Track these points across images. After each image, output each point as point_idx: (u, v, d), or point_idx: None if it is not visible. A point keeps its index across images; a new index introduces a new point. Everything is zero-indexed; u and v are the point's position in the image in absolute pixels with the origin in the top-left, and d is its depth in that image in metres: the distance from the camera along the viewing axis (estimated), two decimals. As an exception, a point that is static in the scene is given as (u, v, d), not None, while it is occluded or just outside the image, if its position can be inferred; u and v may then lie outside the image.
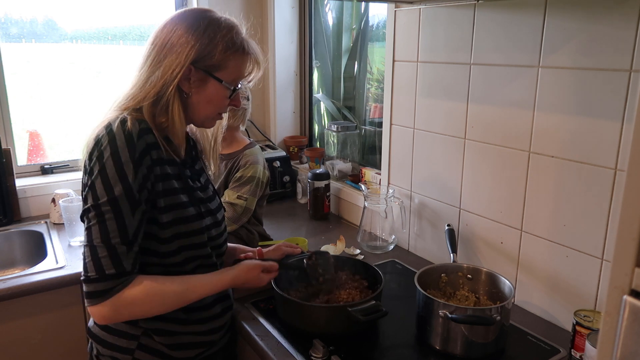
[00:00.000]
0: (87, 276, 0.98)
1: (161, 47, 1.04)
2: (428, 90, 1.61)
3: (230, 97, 1.12)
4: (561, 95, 1.23)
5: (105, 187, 0.98)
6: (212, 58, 1.05)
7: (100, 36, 2.42)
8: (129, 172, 0.98)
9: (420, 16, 1.59)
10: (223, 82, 1.08)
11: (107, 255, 0.97)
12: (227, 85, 1.09)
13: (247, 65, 1.12)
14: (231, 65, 1.08)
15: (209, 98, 1.09)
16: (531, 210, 1.34)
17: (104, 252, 0.97)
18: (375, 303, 1.20)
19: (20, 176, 2.11)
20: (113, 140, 0.99)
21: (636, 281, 0.44)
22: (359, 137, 2.28)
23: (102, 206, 0.98)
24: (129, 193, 0.98)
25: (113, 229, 0.98)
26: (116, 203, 0.98)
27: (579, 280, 1.25)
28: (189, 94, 1.08)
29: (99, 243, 0.97)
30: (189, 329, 1.15)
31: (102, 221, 0.98)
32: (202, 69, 1.06)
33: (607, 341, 0.47)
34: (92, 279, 0.97)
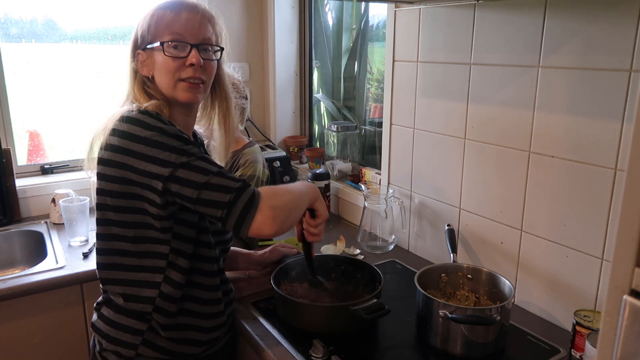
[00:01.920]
0: (228, 203, 0.98)
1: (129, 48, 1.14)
2: (428, 90, 1.61)
3: (166, 52, 1.07)
4: (561, 95, 1.23)
5: (166, 149, 0.98)
6: (149, 34, 1.09)
7: (100, 36, 2.42)
8: (174, 130, 1.01)
9: (420, 16, 1.59)
10: (158, 43, 1.07)
11: (223, 178, 0.99)
12: (155, 46, 1.08)
13: (168, 17, 1.08)
14: (158, 28, 1.08)
15: (159, 67, 1.09)
16: (531, 210, 1.34)
17: (217, 179, 0.99)
18: (378, 301, 1.20)
19: (20, 176, 2.11)
20: (139, 121, 1.01)
21: (636, 281, 0.44)
22: (359, 137, 2.28)
23: (178, 161, 0.98)
24: (187, 140, 1.01)
25: (204, 164, 0.99)
26: (186, 151, 0.99)
27: (579, 280, 1.25)
28: (152, 78, 1.11)
29: (205, 179, 0.98)
30: (196, 323, 1.15)
31: (190, 167, 0.98)
32: (144, 48, 1.10)
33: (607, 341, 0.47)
34: (232, 201, 0.98)
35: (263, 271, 1.50)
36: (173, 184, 0.99)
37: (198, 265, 1.13)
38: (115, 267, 1.11)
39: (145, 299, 1.09)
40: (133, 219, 1.06)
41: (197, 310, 1.15)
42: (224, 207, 0.98)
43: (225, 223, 1.00)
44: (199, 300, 1.15)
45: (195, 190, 0.98)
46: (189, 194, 0.98)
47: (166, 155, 0.98)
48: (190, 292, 1.13)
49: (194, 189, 0.98)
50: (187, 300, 1.13)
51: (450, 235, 1.47)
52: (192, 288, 1.14)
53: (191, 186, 0.98)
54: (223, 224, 1.00)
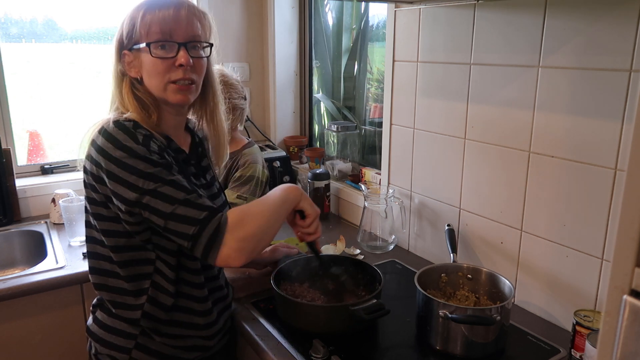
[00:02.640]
0: (192, 235, 0.96)
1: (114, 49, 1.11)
2: (428, 90, 1.61)
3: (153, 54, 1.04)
4: (561, 95, 1.23)
5: (133, 173, 0.97)
6: (135, 34, 1.05)
7: (100, 36, 2.42)
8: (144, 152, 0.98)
9: (420, 16, 1.59)
10: (145, 44, 1.03)
11: (188, 208, 0.97)
12: (149, 46, 1.03)
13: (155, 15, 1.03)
14: (143, 27, 1.04)
15: (147, 68, 1.05)
16: (531, 210, 1.34)
17: (182, 209, 0.97)
18: (378, 302, 1.20)
19: (20, 176, 2.11)
20: (112, 138, 0.99)
21: (636, 281, 0.44)
22: (359, 137, 2.28)
23: (145, 187, 0.97)
24: (156, 163, 0.98)
25: (170, 191, 0.97)
26: (153, 176, 0.97)
27: (579, 280, 1.25)
28: (140, 78, 1.08)
29: (171, 208, 0.96)
30: (188, 333, 1.15)
31: (156, 195, 0.97)
32: (130, 49, 1.06)
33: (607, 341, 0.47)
34: (196, 234, 0.96)
35: (263, 271, 1.50)
36: (143, 210, 0.99)
37: (183, 277, 1.12)
38: (102, 272, 1.11)
39: (132, 306, 1.09)
40: (113, 228, 1.06)
41: (188, 321, 1.14)
42: (189, 239, 0.97)
43: (193, 253, 0.99)
44: (190, 311, 1.14)
45: (162, 220, 0.98)
46: (157, 222, 0.98)
47: (134, 179, 0.97)
48: (179, 302, 1.12)
49: (161, 218, 0.98)
50: (177, 311, 1.13)
51: (450, 235, 1.47)
52: (181, 298, 1.13)
53: (158, 215, 0.98)
54: (191, 253, 1.00)
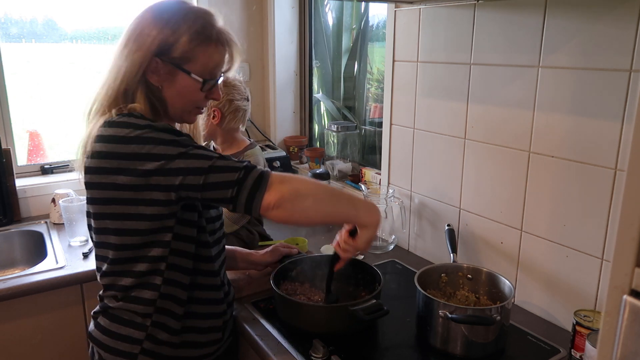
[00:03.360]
0: (236, 181, 0.96)
1: (128, 40, 1.03)
2: (428, 90, 1.61)
3: (203, 89, 1.07)
4: (561, 95, 1.23)
5: (159, 143, 0.97)
6: (178, 50, 1.02)
7: (100, 36, 2.42)
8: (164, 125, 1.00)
9: (420, 16, 1.59)
10: (192, 75, 1.04)
11: (227, 160, 0.98)
12: (196, 78, 1.05)
13: (218, 56, 1.07)
14: (200, 56, 1.04)
15: (179, 91, 1.06)
16: (531, 210, 1.34)
17: (222, 162, 0.98)
18: (377, 302, 1.20)
19: (20, 176, 2.11)
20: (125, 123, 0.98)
21: (636, 281, 0.44)
22: (359, 137, 2.28)
23: (173, 152, 0.96)
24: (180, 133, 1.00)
25: (202, 152, 0.98)
26: (181, 143, 0.98)
27: (579, 280, 1.25)
28: (160, 88, 1.05)
29: (209, 163, 0.96)
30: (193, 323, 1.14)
31: (189, 156, 0.97)
32: (169, 62, 1.02)
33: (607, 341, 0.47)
34: (241, 178, 0.96)
35: (263, 271, 1.50)
36: (175, 177, 0.96)
37: (199, 266, 1.13)
38: (117, 273, 1.09)
39: (145, 300, 1.08)
40: (130, 226, 1.03)
41: (200, 311, 1.14)
42: (234, 185, 0.96)
43: (236, 202, 0.98)
44: (202, 301, 1.14)
45: (201, 176, 0.96)
46: (195, 181, 0.96)
47: (161, 149, 0.96)
48: (193, 293, 1.12)
49: (199, 175, 0.96)
50: (191, 303, 1.12)
51: (450, 235, 1.47)
52: (195, 290, 1.13)
53: (195, 173, 0.96)
54: (234, 204, 0.98)
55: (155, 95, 1.06)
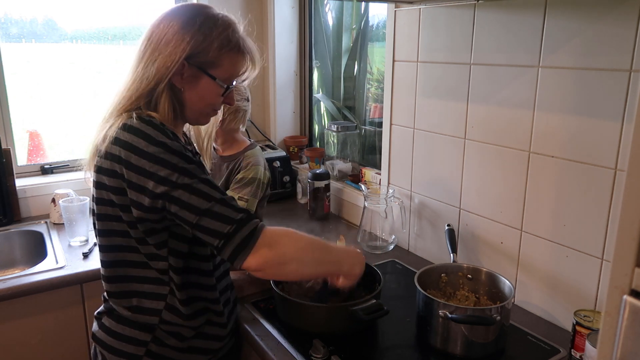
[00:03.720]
0: (226, 234, 0.95)
1: (157, 44, 1.02)
2: (428, 90, 1.61)
3: (224, 95, 1.11)
4: (561, 95, 1.23)
5: (167, 167, 0.96)
6: (206, 55, 1.03)
7: (100, 36, 2.42)
8: (179, 147, 0.98)
9: (420, 16, 1.59)
10: (216, 80, 1.07)
11: (225, 207, 0.97)
12: (220, 84, 1.08)
13: (242, 64, 1.10)
14: (226, 63, 1.06)
15: (201, 94, 1.08)
16: (531, 210, 1.34)
17: (220, 207, 0.96)
18: (377, 302, 1.20)
19: (20, 176, 2.11)
20: (142, 133, 0.97)
21: (636, 281, 0.44)
22: (359, 137, 2.28)
23: (178, 181, 0.95)
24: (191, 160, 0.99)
25: (206, 188, 0.97)
26: (189, 171, 0.97)
27: (579, 280, 1.25)
28: (181, 90, 1.06)
29: (208, 205, 0.95)
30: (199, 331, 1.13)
31: (192, 190, 0.96)
32: (195, 65, 1.04)
33: (607, 341, 0.47)
34: (230, 233, 0.96)
35: None
36: (172, 205, 0.96)
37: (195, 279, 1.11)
38: (121, 279, 1.08)
39: (151, 310, 1.08)
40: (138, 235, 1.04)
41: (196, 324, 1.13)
42: (222, 237, 0.96)
43: (220, 252, 0.98)
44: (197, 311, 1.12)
45: (196, 216, 0.96)
46: (189, 217, 0.96)
47: (167, 173, 0.96)
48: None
49: (194, 214, 0.96)
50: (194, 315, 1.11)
51: (450, 235, 1.47)
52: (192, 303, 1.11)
53: (191, 210, 0.96)
54: (218, 252, 0.99)
55: (176, 97, 1.07)
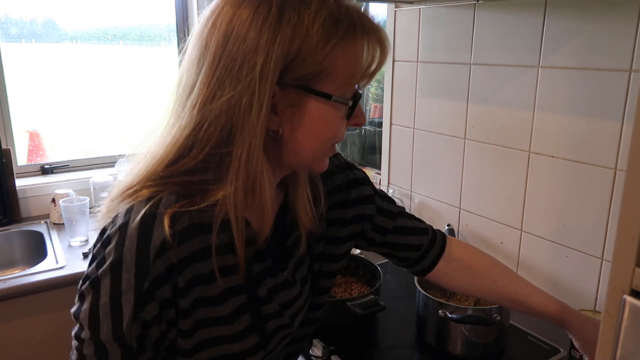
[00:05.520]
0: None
1: (213, 65, 0.59)
2: (428, 90, 1.61)
3: (349, 116, 0.66)
4: (561, 95, 1.23)
5: (92, 318, 0.61)
6: (305, 62, 0.59)
7: (100, 36, 2.42)
8: (124, 311, 0.60)
9: (420, 16, 1.59)
10: (333, 98, 0.62)
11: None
12: (341, 100, 0.63)
13: (365, 55, 0.63)
14: (339, 64, 0.61)
15: (314, 128, 0.63)
16: (531, 210, 1.34)
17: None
18: (374, 297, 1.21)
19: (20, 176, 2.11)
20: (120, 248, 0.60)
21: (636, 281, 0.44)
22: (359, 137, 2.28)
23: (85, 342, 0.61)
24: (120, 341, 0.60)
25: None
26: (103, 349, 0.60)
27: (579, 280, 1.25)
28: (277, 132, 0.63)
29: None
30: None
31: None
32: (293, 85, 0.60)
33: (607, 341, 0.47)
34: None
35: None
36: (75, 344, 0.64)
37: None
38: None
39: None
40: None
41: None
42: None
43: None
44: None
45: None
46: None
47: (82, 320, 0.63)
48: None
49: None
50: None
51: (450, 235, 1.47)
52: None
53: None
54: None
55: (266, 148, 0.63)
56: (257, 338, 0.71)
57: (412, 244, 0.95)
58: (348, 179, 0.86)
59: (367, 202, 0.89)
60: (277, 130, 0.63)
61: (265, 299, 0.71)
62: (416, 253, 0.95)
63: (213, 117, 0.59)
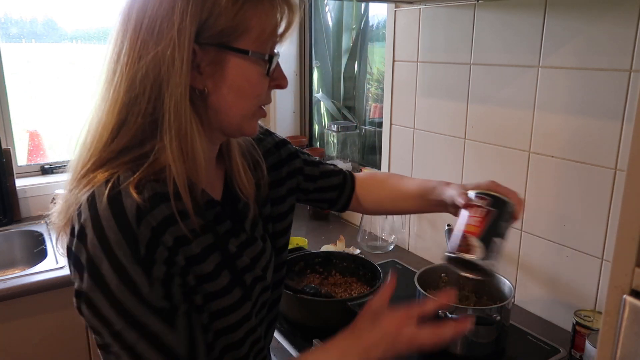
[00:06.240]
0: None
1: (135, 32, 0.65)
2: (428, 90, 1.61)
3: (269, 73, 0.71)
4: (561, 95, 1.23)
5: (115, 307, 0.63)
6: (218, 19, 0.64)
7: (100, 36, 2.42)
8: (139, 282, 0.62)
9: (420, 16, 1.59)
10: (250, 53, 0.68)
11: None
12: (258, 56, 0.69)
13: (274, 12, 0.69)
14: (251, 20, 0.66)
15: (238, 85, 0.69)
16: (531, 210, 1.34)
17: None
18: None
19: (20, 176, 2.11)
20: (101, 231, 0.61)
21: (636, 281, 0.44)
22: (359, 137, 2.28)
23: (123, 333, 0.64)
24: (151, 306, 0.63)
25: (157, 357, 0.65)
26: (140, 325, 0.63)
27: (579, 280, 1.25)
28: (203, 92, 0.68)
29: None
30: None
31: (132, 354, 0.65)
32: (211, 44, 0.66)
33: (607, 341, 0.47)
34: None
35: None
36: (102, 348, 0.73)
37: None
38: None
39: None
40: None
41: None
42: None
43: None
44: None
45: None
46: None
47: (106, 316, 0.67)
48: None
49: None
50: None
51: (450, 235, 1.47)
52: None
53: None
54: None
55: (196, 111, 0.68)
56: (240, 291, 0.76)
57: (334, 184, 1.08)
58: (275, 142, 0.98)
59: (294, 157, 1.00)
60: (202, 90, 0.68)
61: (236, 254, 0.77)
62: (338, 192, 1.09)
63: (140, 76, 0.64)
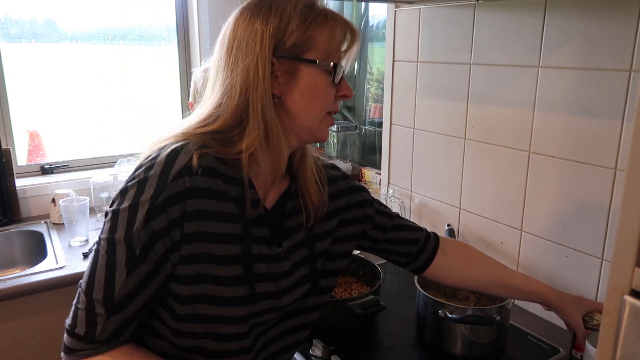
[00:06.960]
0: (67, 323, 0.78)
1: (229, 50, 0.80)
2: (428, 90, 1.61)
3: (335, 80, 0.82)
4: (561, 95, 1.23)
5: (111, 221, 0.75)
6: (290, 37, 0.78)
7: (100, 36, 2.42)
8: (138, 216, 0.73)
9: (420, 16, 1.59)
10: (317, 62, 0.80)
11: (84, 309, 0.76)
12: (324, 64, 0.80)
13: (337, 33, 0.82)
14: (318, 38, 0.80)
15: (308, 91, 0.81)
16: (531, 210, 1.34)
17: (83, 304, 0.76)
18: (374, 298, 1.21)
19: (20, 176, 2.11)
20: (148, 170, 0.75)
21: (636, 281, 0.44)
22: (359, 137, 2.28)
23: (102, 243, 0.76)
24: (129, 242, 0.74)
25: (100, 279, 0.75)
26: (112, 247, 0.74)
27: (579, 280, 1.25)
28: (280, 97, 0.80)
29: (83, 289, 0.77)
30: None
31: (94, 262, 0.76)
32: (285, 57, 0.79)
33: (607, 341, 0.47)
34: (66, 327, 0.78)
35: None
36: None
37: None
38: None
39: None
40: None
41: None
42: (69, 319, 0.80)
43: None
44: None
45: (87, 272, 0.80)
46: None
47: (105, 224, 0.78)
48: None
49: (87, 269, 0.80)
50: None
51: (450, 235, 1.47)
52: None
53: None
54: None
55: (277, 113, 0.81)
56: (246, 291, 0.81)
57: (411, 239, 1.07)
58: (349, 186, 1.01)
59: (367, 205, 1.02)
60: (280, 96, 0.80)
61: (258, 257, 0.82)
62: (416, 247, 1.06)
63: (233, 83, 0.78)
